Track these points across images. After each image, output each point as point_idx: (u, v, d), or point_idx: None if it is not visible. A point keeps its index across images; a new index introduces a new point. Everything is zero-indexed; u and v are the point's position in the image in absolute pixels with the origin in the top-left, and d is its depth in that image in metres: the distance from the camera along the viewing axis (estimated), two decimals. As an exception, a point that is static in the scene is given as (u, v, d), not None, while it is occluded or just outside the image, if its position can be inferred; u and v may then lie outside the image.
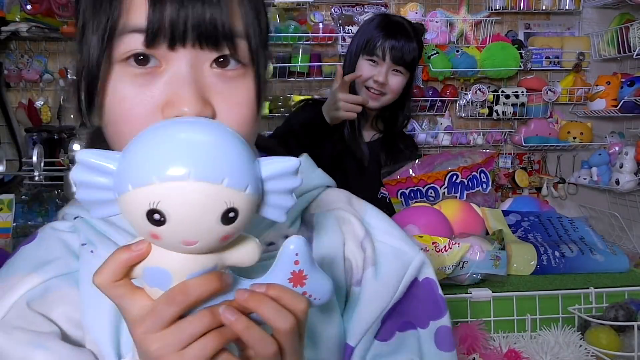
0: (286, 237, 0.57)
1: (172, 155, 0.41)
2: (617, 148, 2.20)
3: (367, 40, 1.75)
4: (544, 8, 2.55)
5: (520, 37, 2.63)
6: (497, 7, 2.54)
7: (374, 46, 1.73)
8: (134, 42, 0.53)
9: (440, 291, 0.70)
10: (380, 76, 1.73)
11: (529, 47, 2.54)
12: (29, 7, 2.28)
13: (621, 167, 2.12)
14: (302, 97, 2.58)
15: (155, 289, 0.46)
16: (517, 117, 2.52)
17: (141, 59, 0.53)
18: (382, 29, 1.74)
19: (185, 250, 0.44)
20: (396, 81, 1.77)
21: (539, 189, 2.66)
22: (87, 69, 0.56)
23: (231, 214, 0.42)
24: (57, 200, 2.54)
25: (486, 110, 2.50)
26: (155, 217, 0.41)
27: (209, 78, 0.54)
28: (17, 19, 2.30)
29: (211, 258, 0.46)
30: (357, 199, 0.73)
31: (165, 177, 0.41)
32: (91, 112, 0.59)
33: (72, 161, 1.33)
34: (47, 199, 2.54)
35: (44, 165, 1.42)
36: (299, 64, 2.50)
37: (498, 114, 2.49)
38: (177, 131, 0.43)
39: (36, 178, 1.37)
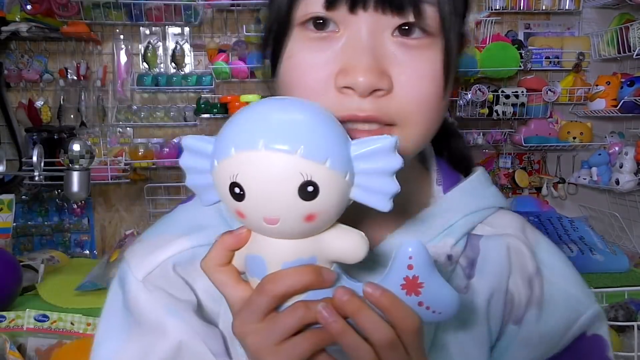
0: (449, 256, 0.57)
1: (249, 126, 0.41)
2: (617, 148, 2.20)
3: None
4: (544, 8, 2.54)
5: (520, 37, 2.63)
6: (497, 7, 2.54)
7: None
8: (313, 5, 0.50)
9: (610, 353, 0.61)
10: None
11: (529, 47, 2.54)
12: (29, 7, 2.28)
13: (621, 167, 2.12)
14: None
15: (254, 279, 0.45)
16: (517, 117, 2.52)
17: (320, 23, 0.50)
18: None
19: (271, 232, 0.43)
20: None
21: (539, 189, 2.66)
22: (274, 30, 0.54)
23: (310, 188, 0.39)
24: (57, 200, 2.54)
25: (486, 110, 2.50)
26: (236, 190, 0.41)
27: (389, 47, 0.49)
28: (17, 19, 2.30)
29: (306, 247, 0.44)
30: (531, 228, 0.64)
31: (240, 147, 0.40)
32: (275, 76, 0.57)
33: (72, 161, 1.33)
34: (47, 199, 2.54)
35: (44, 165, 1.42)
36: (299, 64, 2.50)
37: (498, 114, 2.49)
38: (259, 106, 0.42)
39: (36, 178, 1.37)
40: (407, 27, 0.49)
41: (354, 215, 0.55)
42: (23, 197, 2.46)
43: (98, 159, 2.32)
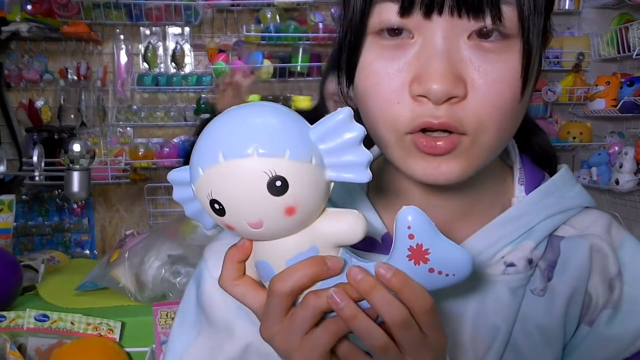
0: (529, 260, 0.56)
1: (208, 144, 0.41)
2: (616, 148, 2.20)
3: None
4: (543, 8, 2.55)
5: (520, 37, 2.63)
6: (497, 7, 2.54)
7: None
8: (388, 12, 0.48)
9: None
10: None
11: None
12: (29, 7, 2.28)
13: (621, 167, 2.12)
14: (302, 98, 2.59)
15: (267, 284, 0.45)
16: (517, 117, 2.52)
17: (394, 30, 0.49)
18: None
19: (262, 235, 0.43)
20: None
21: (538, 189, 2.66)
22: (349, 39, 0.52)
23: (278, 183, 0.40)
24: (57, 200, 2.54)
25: (486, 110, 2.50)
26: (216, 206, 0.42)
27: (464, 51, 0.48)
28: (17, 19, 2.30)
29: (303, 240, 0.44)
30: (617, 227, 0.61)
31: (205, 165, 0.41)
32: (350, 86, 0.55)
33: (73, 161, 1.33)
34: (47, 199, 2.54)
35: (44, 165, 1.42)
36: (299, 64, 2.50)
37: (498, 114, 2.49)
38: (214, 122, 0.42)
39: (36, 178, 1.37)
40: (484, 30, 0.47)
41: (439, 219, 0.55)
42: (23, 197, 2.47)
43: (98, 159, 2.32)
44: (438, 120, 0.48)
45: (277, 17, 2.51)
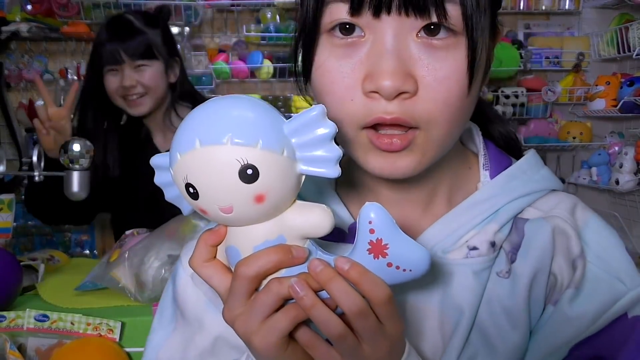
0: (492, 243, 0.57)
1: (187, 130, 0.44)
2: (616, 148, 2.20)
3: (94, 49, 1.61)
4: (543, 8, 2.55)
5: (520, 37, 2.63)
6: (497, 7, 2.54)
7: (102, 54, 1.57)
8: (339, 11, 0.51)
9: None
10: (125, 80, 1.56)
11: (529, 47, 2.54)
12: (29, 7, 2.29)
13: (621, 167, 2.12)
14: (302, 98, 2.58)
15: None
16: (516, 117, 2.52)
17: (346, 29, 0.51)
18: (107, 32, 1.59)
19: (232, 221, 0.45)
20: (148, 75, 1.59)
21: (538, 189, 2.66)
22: (303, 38, 0.55)
23: (249, 171, 0.42)
24: (57, 200, 2.55)
25: (486, 111, 2.50)
26: (190, 190, 0.44)
27: (414, 49, 0.50)
28: (17, 19, 2.31)
29: (271, 228, 0.46)
30: (583, 208, 0.61)
31: (182, 150, 0.43)
32: (307, 84, 0.58)
33: (72, 161, 1.33)
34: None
35: (44, 166, 1.42)
36: (299, 64, 2.50)
37: (498, 114, 2.49)
38: (195, 110, 0.45)
39: (36, 178, 1.37)
40: (432, 27, 0.50)
41: (406, 210, 0.60)
42: (23, 197, 2.46)
43: (98, 159, 2.32)
44: (390, 116, 0.50)
45: (277, 17, 2.51)
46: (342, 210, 0.61)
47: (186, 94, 1.70)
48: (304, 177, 0.46)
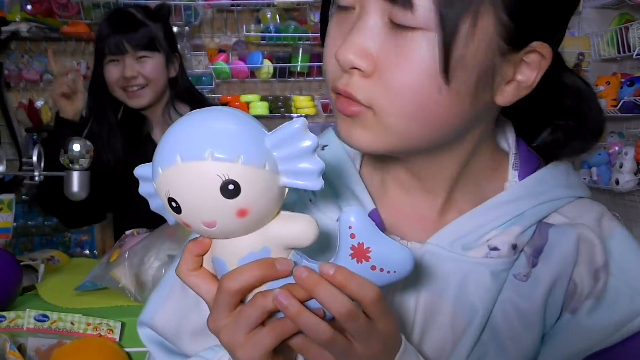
0: (513, 245, 0.57)
1: (168, 145, 0.44)
2: (616, 148, 2.20)
3: (97, 41, 1.64)
4: (543, 8, 2.55)
5: (520, 37, 2.63)
6: (497, 7, 2.54)
7: (105, 44, 1.59)
8: None
9: None
10: (127, 71, 1.58)
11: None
12: (29, 7, 2.29)
13: (621, 167, 2.12)
14: (302, 98, 2.59)
15: None
16: (517, 117, 2.52)
17: (343, 7, 0.53)
18: (109, 24, 1.62)
19: (215, 234, 0.45)
20: (149, 66, 1.61)
21: (538, 189, 2.66)
22: (323, 17, 0.58)
23: (230, 186, 0.42)
24: (57, 200, 2.55)
25: (486, 110, 2.50)
26: (173, 204, 0.44)
27: (384, 34, 0.49)
28: (17, 19, 2.31)
29: (255, 240, 0.46)
30: (610, 218, 0.61)
31: (164, 165, 0.43)
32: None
33: (72, 161, 1.33)
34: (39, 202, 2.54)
35: (44, 165, 1.42)
36: (299, 64, 2.50)
37: (498, 114, 2.49)
38: (177, 124, 0.45)
39: (36, 178, 1.37)
40: (398, 16, 0.48)
41: (415, 191, 0.60)
42: (23, 197, 2.47)
43: (98, 159, 2.32)
44: (343, 88, 0.51)
45: (277, 17, 2.51)
46: (364, 194, 0.60)
47: (185, 91, 1.71)
48: (287, 189, 0.46)
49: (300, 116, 2.62)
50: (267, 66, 2.51)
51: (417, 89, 0.49)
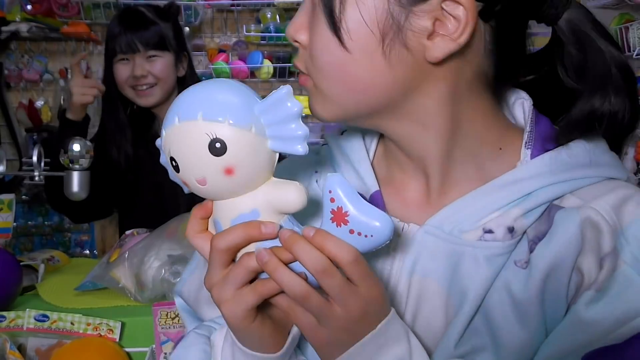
0: (509, 228, 0.54)
1: (171, 108, 0.49)
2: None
3: (108, 39, 1.64)
4: (543, 8, 2.55)
5: (520, 37, 2.63)
6: (497, 7, 2.54)
7: (115, 43, 1.60)
8: None
9: None
10: (137, 70, 1.59)
11: (529, 47, 2.54)
12: (29, 7, 2.29)
13: (621, 167, 2.12)
14: (302, 98, 2.59)
15: None
16: (517, 117, 2.52)
17: None
18: (120, 23, 1.63)
19: (207, 193, 0.49)
20: (159, 65, 1.62)
21: (538, 189, 2.66)
22: None
23: (217, 144, 0.46)
24: (57, 200, 2.54)
25: (486, 110, 2.50)
26: (173, 163, 0.49)
27: (312, 7, 0.54)
28: (17, 19, 2.31)
29: (246, 203, 0.49)
30: (636, 204, 0.54)
31: (166, 126, 0.49)
32: None
33: (72, 161, 1.33)
34: (47, 199, 2.54)
35: (44, 165, 1.42)
36: (299, 64, 2.50)
37: (498, 114, 2.48)
38: (184, 92, 0.50)
39: (36, 178, 1.37)
40: None
41: (417, 174, 0.60)
42: (23, 197, 2.47)
43: (98, 159, 2.32)
44: (296, 60, 0.58)
45: (277, 17, 2.51)
46: (368, 175, 0.61)
47: None
48: (277, 154, 0.49)
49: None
50: (267, 66, 2.51)
51: (326, 53, 0.53)
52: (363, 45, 0.52)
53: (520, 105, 0.61)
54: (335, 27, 0.52)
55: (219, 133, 0.46)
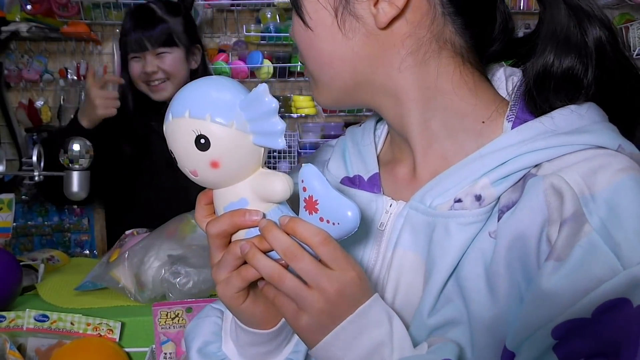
0: (477, 196, 0.54)
1: (170, 105, 0.53)
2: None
3: (121, 37, 1.69)
4: (543, 8, 2.55)
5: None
6: (497, 7, 2.54)
7: (127, 41, 1.65)
8: None
9: None
10: (147, 66, 1.63)
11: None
12: (29, 7, 2.28)
13: (621, 167, 2.12)
14: (302, 98, 2.59)
15: None
16: (517, 117, 2.52)
17: None
18: (131, 21, 1.67)
19: (201, 183, 0.54)
20: (168, 61, 1.66)
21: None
22: None
23: (202, 140, 0.50)
24: (57, 200, 2.55)
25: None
26: (172, 156, 0.53)
27: None
28: (17, 19, 2.31)
29: (234, 192, 0.53)
30: (618, 171, 0.50)
31: (165, 121, 0.53)
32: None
33: (72, 161, 1.33)
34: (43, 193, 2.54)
35: (44, 165, 1.42)
36: (299, 64, 2.50)
37: (498, 114, 2.48)
38: (181, 89, 0.53)
39: (36, 178, 1.37)
40: None
41: (410, 153, 0.63)
42: (23, 197, 2.47)
43: (98, 159, 2.32)
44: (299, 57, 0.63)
45: (277, 17, 2.51)
46: (370, 159, 0.66)
47: None
48: (263, 148, 0.52)
49: (299, 116, 2.63)
50: (267, 66, 2.51)
51: (298, 36, 0.60)
52: (321, 21, 0.58)
53: (511, 81, 0.62)
54: (299, 11, 0.59)
55: (203, 129, 0.50)
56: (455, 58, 0.58)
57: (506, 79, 0.62)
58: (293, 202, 0.54)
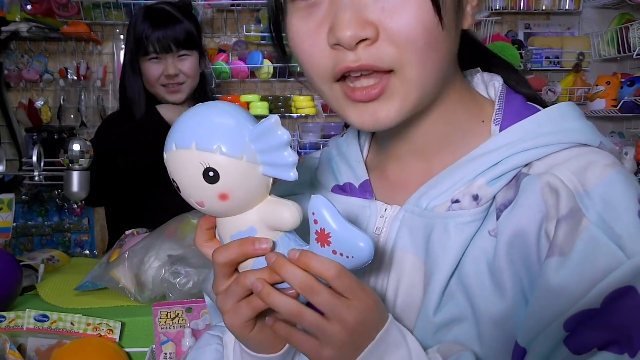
0: (474, 196, 0.56)
1: (170, 132, 0.50)
2: (617, 148, 2.20)
3: (138, 39, 1.62)
4: (543, 8, 2.55)
5: (520, 37, 2.63)
6: (497, 7, 2.54)
7: (148, 43, 1.60)
8: None
9: None
10: (169, 69, 1.62)
11: (529, 47, 2.54)
12: (29, 7, 2.28)
13: (621, 167, 2.12)
14: (302, 98, 2.59)
15: None
16: (517, 117, 2.52)
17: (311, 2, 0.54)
18: (150, 23, 1.62)
19: (206, 212, 0.52)
20: (188, 64, 1.65)
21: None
22: (273, 14, 0.60)
23: (210, 173, 0.48)
24: (57, 200, 2.54)
25: (486, 110, 2.50)
26: (175, 184, 0.51)
27: None
28: (17, 19, 2.30)
29: (243, 221, 0.51)
30: (606, 166, 0.53)
31: (166, 151, 0.50)
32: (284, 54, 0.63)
33: (72, 161, 1.33)
34: (47, 199, 2.54)
35: (44, 165, 1.42)
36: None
37: (498, 114, 2.48)
38: (182, 116, 0.50)
39: (36, 178, 1.37)
40: None
41: (406, 156, 0.62)
42: (23, 197, 2.47)
43: (98, 159, 2.32)
44: (356, 64, 0.52)
45: (277, 17, 2.50)
46: (359, 167, 0.65)
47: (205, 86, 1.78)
48: (271, 178, 0.50)
49: (299, 116, 2.62)
50: (267, 66, 2.51)
51: (420, 31, 0.52)
52: (449, 17, 0.53)
53: (492, 86, 0.64)
54: (437, 6, 0.52)
55: (211, 162, 0.48)
56: (456, 63, 0.60)
57: (485, 83, 0.64)
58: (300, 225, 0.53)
